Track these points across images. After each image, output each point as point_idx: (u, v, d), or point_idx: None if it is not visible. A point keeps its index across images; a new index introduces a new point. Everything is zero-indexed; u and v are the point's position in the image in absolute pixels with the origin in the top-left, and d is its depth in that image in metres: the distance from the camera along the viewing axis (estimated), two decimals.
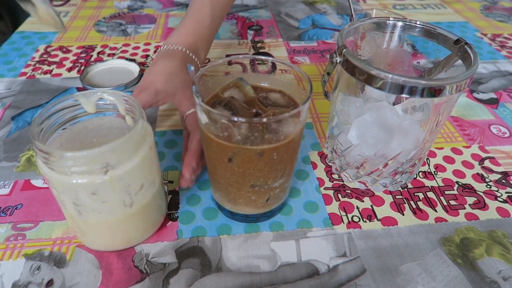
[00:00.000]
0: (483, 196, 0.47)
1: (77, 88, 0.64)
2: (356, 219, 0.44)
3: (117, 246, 0.39)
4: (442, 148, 0.54)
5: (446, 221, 0.44)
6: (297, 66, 0.39)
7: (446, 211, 0.45)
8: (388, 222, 0.44)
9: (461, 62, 0.41)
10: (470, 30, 0.87)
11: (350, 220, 0.44)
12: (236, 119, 0.32)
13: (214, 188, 0.42)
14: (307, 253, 0.40)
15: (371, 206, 0.45)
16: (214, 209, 0.45)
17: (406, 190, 0.48)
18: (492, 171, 0.51)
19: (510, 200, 0.47)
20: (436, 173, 0.50)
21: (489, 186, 0.48)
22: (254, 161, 0.35)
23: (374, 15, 0.59)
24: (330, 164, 0.51)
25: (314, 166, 0.51)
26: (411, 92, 0.36)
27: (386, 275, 0.38)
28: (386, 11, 0.59)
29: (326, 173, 0.50)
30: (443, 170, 0.51)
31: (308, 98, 0.34)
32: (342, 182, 0.48)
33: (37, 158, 0.33)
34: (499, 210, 0.45)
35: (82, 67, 0.69)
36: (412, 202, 0.46)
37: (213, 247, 0.40)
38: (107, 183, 0.32)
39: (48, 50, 0.74)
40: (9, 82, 0.65)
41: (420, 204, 0.46)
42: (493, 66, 0.74)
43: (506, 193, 0.48)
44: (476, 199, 0.47)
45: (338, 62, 0.40)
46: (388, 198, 0.46)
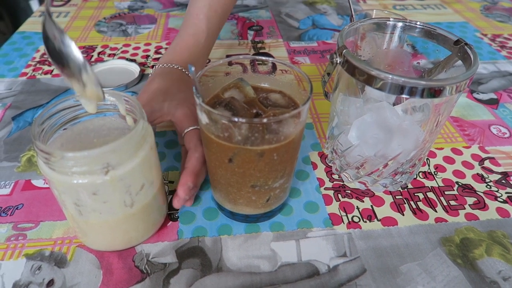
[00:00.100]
0: (483, 196, 0.47)
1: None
2: (356, 219, 0.44)
3: (117, 246, 0.39)
4: (442, 148, 0.54)
5: (446, 221, 0.44)
6: (297, 67, 0.39)
7: (446, 211, 0.45)
8: (388, 222, 0.44)
9: (461, 62, 0.41)
10: (470, 31, 0.87)
11: (350, 220, 0.44)
12: (236, 120, 0.32)
13: (215, 188, 0.42)
14: (307, 253, 0.40)
15: (371, 206, 0.45)
16: (215, 209, 0.45)
17: (406, 190, 0.48)
18: (492, 172, 0.51)
19: (510, 200, 0.47)
20: (436, 173, 0.50)
21: (489, 187, 0.49)
22: (255, 161, 0.35)
23: (374, 16, 0.59)
24: (330, 164, 0.51)
25: (314, 166, 0.51)
26: (411, 92, 0.36)
27: (386, 275, 0.38)
28: (386, 12, 0.59)
29: (326, 173, 0.50)
30: (443, 170, 0.51)
31: (308, 99, 0.34)
32: (342, 183, 0.49)
33: (38, 158, 0.33)
34: (499, 210, 0.45)
35: None
36: (412, 202, 0.46)
37: (213, 247, 0.40)
38: (108, 183, 0.32)
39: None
40: (9, 82, 0.65)
41: (420, 204, 0.46)
42: (493, 67, 0.74)
43: (506, 193, 0.48)
44: (476, 200, 0.47)
45: (338, 62, 0.41)
46: (388, 199, 0.47)
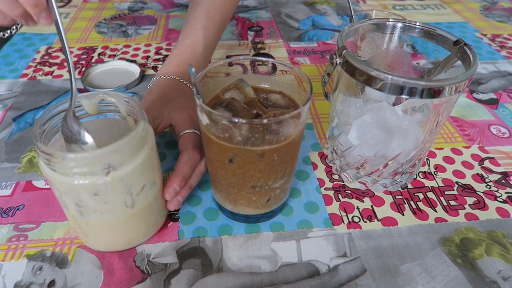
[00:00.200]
0: (483, 196, 0.47)
1: (78, 89, 0.64)
2: (356, 220, 0.44)
3: (118, 247, 0.39)
4: (442, 148, 0.54)
5: (446, 221, 0.44)
6: (297, 67, 0.39)
7: (446, 211, 0.45)
8: (388, 222, 0.44)
9: (461, 62, 0.41)
10: (470, 31, 0.87)
11: (350, 220, 0.44)
12: (236, 120, 0.32)
13: (215, 188, 0.42)
14: (308, 253, 0.40)
15: (371, 206, 0.46)
16: (215, 209, 0.45)
17: (406, 190, 0.48)
18: (492, 172, 0.51)
19: (510, 200, 0.47)
20: (436, 173, 0.50)
21: (489, 187, 0.49)
22: (255, 162, 0.35)
23: (374, 16, 0.59)
24: (330, 164, 0.51)
25: (315, 166, 0.51)
26: (411, 93, 0.36)
27: (386, 275, 0.38)
28: (385, 12, 0.59)
29: (327, 173, 0.50)
30: (443, 170, 0.51)
31: (308, 99, 0.35)
32: (342, 183, 0.49)
33: (39, 159, 0.33)
34: (499, 210, 0.46)
35: (83, 69, 0.69)
36: (412, 202, 0.46)
37: (214, 248, 0.41)
38: (109, 184, 0.32)
39: (49, 51, 0.75)
40: (10, 83, 0.65)
41: (420, 204, 0.46)
42: (492, 67, 0.74)
43: (506, 193, 0.48)
44: (476, 199, 0.47)
45: (338, 63, 0.41)
46: (388, 199, 0.47)
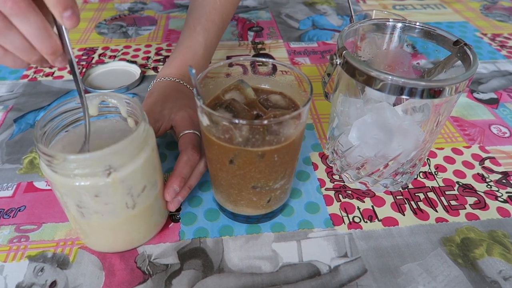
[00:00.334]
0: (484, 196, 0.47)
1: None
2: (357, 220, 0.44)
3: (119, 248, 0.39)
4: (442, 148, 0.54)
5: (447, 221, 0.44)
6: (297, 68, 0.39)
7: (447, 211, 0.45)
8: (389, 222, 0.44)
9: (461, 62, 0.41)
10: (470, 30, 0.87)
11: (351, 220, 0.44)
12: (237, 121, 0.32)
13: (216, 189, 0.42)
14: (308, 253, 0.40)
15: (372, 206, 0.46)
16: (216, 210, 0.45)
17: (406, 190, 0.48)
18: (492, 171, 0.51)
19: (511, 200, 0.47)
20: (436, 173, 0.50)
21: (489, 186, 0.49)
22: (255, 162, 0.35)
23: (374, 16, 0.59)
24: (331, 165, 0.51)
25: (315, 167, 0.51)
26: (411, 93, 0.36)
27: (387, 275, 0.38)
28: (386, 12, 0.59)
29: (327, 174, 0.50)
30: (444, 170, 0.51)
31: (308, 100, 0.35)
32: (343, 183, 0.49)
33: (40, 160, 0.33)
34: (500, 210, 0.46)
35: (84, 69, 0.70)
36: (412, 203, 0.46)
37: (215, 248, 0.41)
38: (110, 185, 0.32)
39: None
40: (11, 84, 0.65)
41: (420, 204, 0.46)
42: (493, 66, 0.74)
43: (507, 193, 0.48)
44: (476, 199, 0.47)
45: (338, 63, 0.41)
46: (388, 199, 0.47)
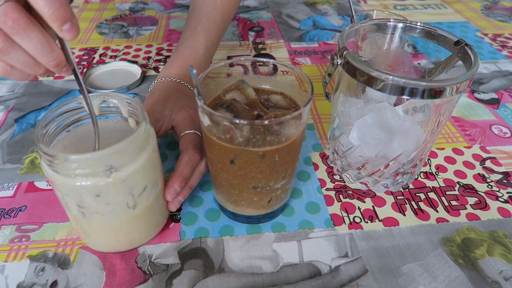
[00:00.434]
0: (484, 196, 0.47)
1: (79, 90, 0.64)
2: (357, 220, 0.44)
3: (120, 248, 0.39)
4: (443, 148, 0.54)
5: (447, 221, 0.44)
6: (298, 68, 0.39)
7: (447, 212, 0.45)
8: (389, 222, 0.44)
9: (462, 62, 0.41)
10: (471, 30, 0.87)
11: (351, 220, 0.44)
12: (238, 121, 0.32)
13: (216, 189, 0.43)
14: (309, 253, 0.40)
15: (373, 206, 0.46)
16: (217, 210, 0.45)
17: (407, 190, 0.48)
18: (493, 171, 0.51)
19: (511, 200, 0.47)
20: (437, 173, 0.50)
21: (490, 187, 0.49)
22: (256, 163, 0.35)
23: (374, 16, 0.59)
24: (331, 165, 0.51)
25: (316, 167, 0.51)
26: (412, 93, 0.36)
27: (388, 276, 0.38)
28: (386, 12, 0.59)
29: (328, 174, 0.50)
30: (444, 170, 0.51)
31: (309, 100, 0.35)
32: (343, 183, 0.49)
33: (41, 160, 0.33)
34: (500, 210, 0.46)
35: (85, 69, 0.70)
36: (413, 203, 0.46)
37: (215, 248, 0.41)
38: (111, 185, 0.32)
39: None
40: (12, 84, 0.65)
41: (421, 204, 0.46)
42: (494, 66, 0.74)
43: (507, 193, 0.48)
44: (477, 199, 0.47)
45: (339, 63, 0.41)
46: (389, 199, 0.47)
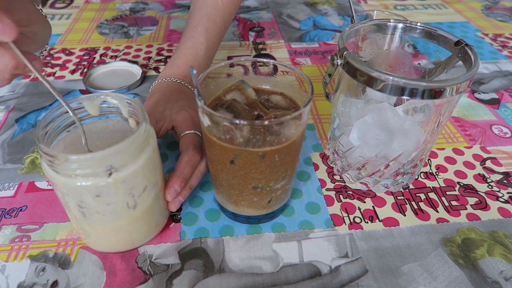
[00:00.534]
0: (485, 196, 0.47)
1: (80, 90, 0.65)
2: (357, 220, 0.44)
3: (121, 248, 0.39)
4: (443, 148, 0.54)
5: (448, 221, 0.44)
6: (298, 68, 0.39)
7: (448, 212, 0.45)
8: (389, 222, 0.44)
9: (462, 63, 0.41)
10: (471, 30, 0.87)
11: (351, 221, 0.44)
12: (238, 122, 0.32)
13: (217, 189, 0.43)
14: (309, 254, 0.40)
15: (373, 207, 0.46)
16: (217, 210, 0.45)
17: (407, 190, 0.48)
18: (493, 172, 0.51)
19: None
20: (437, 173, 0.50)
21: (490, 187, 0.49)
22: (256, 163, 0.35)
23: (375, 17, 0.59)
24: (331, 165, 0.51)
25: (316, 167, 0.51)
26: (412, 94, 0.36)
27: (388, 276, 0.38)
28: (387, 12, 0.59)
29: (328, 174, 0.50)
30: (445, 170, 0.51)
31: (309, 101, 0.35)
32: (343, 183, 0.49)
33: (42, 160, 0.33)
34: (501, 210, 0.45)
35: (85, 70, 0.70)
36: (413, 203, 0.46)
37: (215, 248, 0.41)
38: (111, 186, 0.33)
39: (51, 52, 0.75)
40: (13, 84, 0.65)
41: (421, 204, 0.46)
42: (494, 66, 0.74)
43: (508, 193, 0.48)
44: (477, 200, 0.47)
45: (339, 64, 0.41)
46: (389, 199, 0.47)
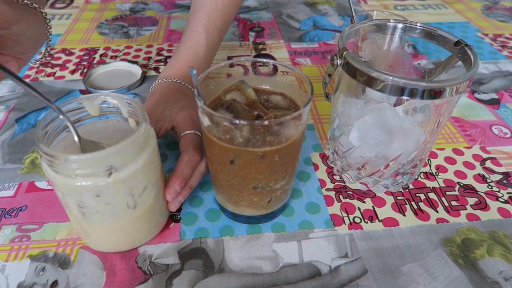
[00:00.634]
0: (484, 196, 0.47)
1: (80, 90, 0.65)
2: (357, 220, 0.44)
3: (120, 248, 0.40)
4: (443, 149, 0.54)
5: (447, 221, 0.44)
6: (298, 68, 0.39)
7: (447, 212, 0.45)
8: (389, 223, 0.44)
9: (462, 63, 0.41)
10: (471, 30, 0.87)
11: (351, 221, 0.44)
12: (237, 122, 0.32)
13: (217, 190, 0.43)
14: (309, 254, 0.40)
15: (373, 207, 0.46)
16: (217, 210, 0.45)
17: (407, 191, 0.48)
18: (493, 172, 0.51)
19: (511, 200, 0.47)
20: (437, 174, 0.50)
21: (490, 187, 0.49)
22: (256, 163, 0.35)
23: (375, 17, 0.59)
24: (331, 165, 0.51)
25: (316, 167, 0.51)
26: (412, 94, 0.36)
27: (388, 276, 0.38)
28: (387, 13, 0.59)
29: (328, 174, 0.50)
30: (444, 170, 0.51)
31: (309, 101, 0.35)
32: (343, 183, 0.49)
33: (41, 160, 0.33)
34: (500, 210, 0.46)
35: (85, 70, 0.70)
36: (413, 203, 0.46)
37: (215, 248, 0.41)
38: (111, 186, 0.33)
39: (51, 52, 0.75)
40: (13, 84, 0.65)
41: (421, 205, 0.46)
42: (494, 67, 0.74)
43: (507, 193, 0.48)
44: (477, 200, 0.47)
45: (339, 64, 0.41)
46: (389, 199, 0.47)
